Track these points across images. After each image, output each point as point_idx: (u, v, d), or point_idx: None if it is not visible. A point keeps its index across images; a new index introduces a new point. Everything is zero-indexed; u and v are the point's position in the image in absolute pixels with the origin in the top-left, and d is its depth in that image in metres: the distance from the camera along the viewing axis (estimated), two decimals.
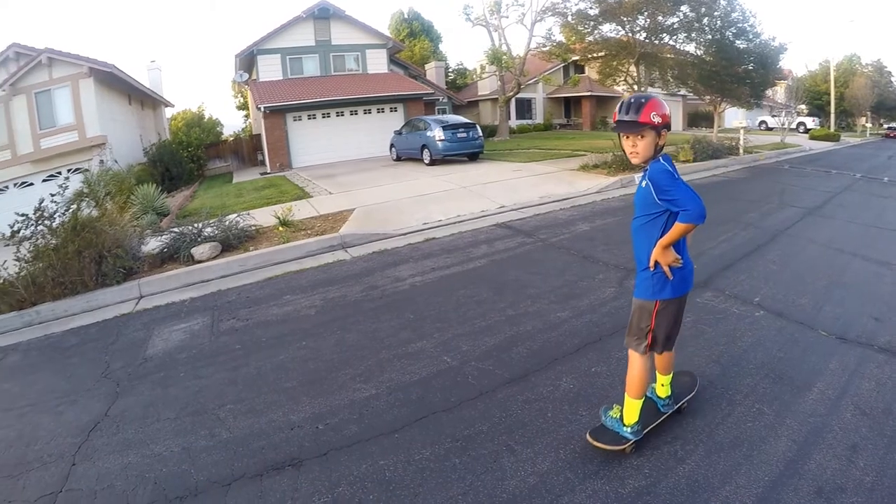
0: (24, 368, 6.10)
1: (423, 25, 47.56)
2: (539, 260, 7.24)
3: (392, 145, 21.72)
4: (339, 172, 19.07)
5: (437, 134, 17.79)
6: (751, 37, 19.62)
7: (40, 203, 8.07)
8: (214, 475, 3.45)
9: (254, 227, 9.45)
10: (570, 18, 21.44)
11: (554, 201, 10.98)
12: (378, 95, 25.51)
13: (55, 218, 8.01)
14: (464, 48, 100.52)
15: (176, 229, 8.92)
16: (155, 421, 4.29)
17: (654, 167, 2.85)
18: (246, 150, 31.30)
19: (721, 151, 17.71)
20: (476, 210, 10.45)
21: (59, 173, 21.06)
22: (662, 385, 3.34)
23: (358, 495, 3.03)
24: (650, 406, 3.29)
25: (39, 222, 7.92)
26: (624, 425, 3.09)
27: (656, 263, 2.91)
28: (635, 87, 20.17)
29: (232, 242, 8.75)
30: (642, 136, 2.84)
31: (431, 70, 37.47)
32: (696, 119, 41.13)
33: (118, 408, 4.62)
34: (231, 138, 34.96)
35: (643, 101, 2.82)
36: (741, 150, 18.62)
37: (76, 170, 20.81)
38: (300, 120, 25.14)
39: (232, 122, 44.77)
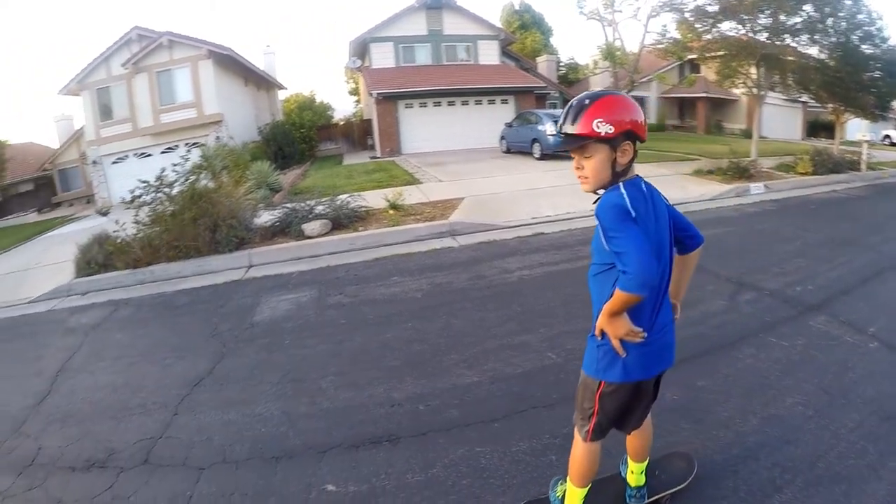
0: (136, 321, 7.01)
1: (533, 18, 47.63)
2: None
3: (502, 137, 22.45)
4: (448, 161, 20.15)
5: (549, 128, 18.09)
6: (878, 42, 18.03)
7: (161, 172, 9.11)
8: (311, 441, 3.72)
9: (364, 209, 9.95)
10: (686, 14, 20.64)
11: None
12: (489, 87, 26.33)
13: (174, 186, 9.00)
14: (575, 42, 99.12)
15: (288, 205, 9.61)
16: (258, 383, 4.68)
17: (605, 198, 2.15)
18: (357, 133, 32.83)
19: (842, 166, 16.39)
20: (585, 208, 10.39)
21: (177, 146, 23.63)
22: (633, 472, 2.80)
23: (452, 478, 3.16)
24: (616, 490, 2.83)
25: (159, 190, 8.93)
26: None
27: (603, 333, 2.27)
28: (754, 90, 19.15)
29: (342, 221, 9.27)
30: (587, 155, 2.18)
31: (542, 63, 37.46)
32: (816, 129, 38.11)
33: (223, 367, 5.10)
34: (342, 122, 36.83)
35: (586, 102, 2.13)
36: (863, 166, 17.16)
37: (193, 144, 22.67)
38: (411, 107, 26.04)
39: (342, 107, 47.01)
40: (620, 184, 2.18)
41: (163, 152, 23.97)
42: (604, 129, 2.08)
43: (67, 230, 19.13)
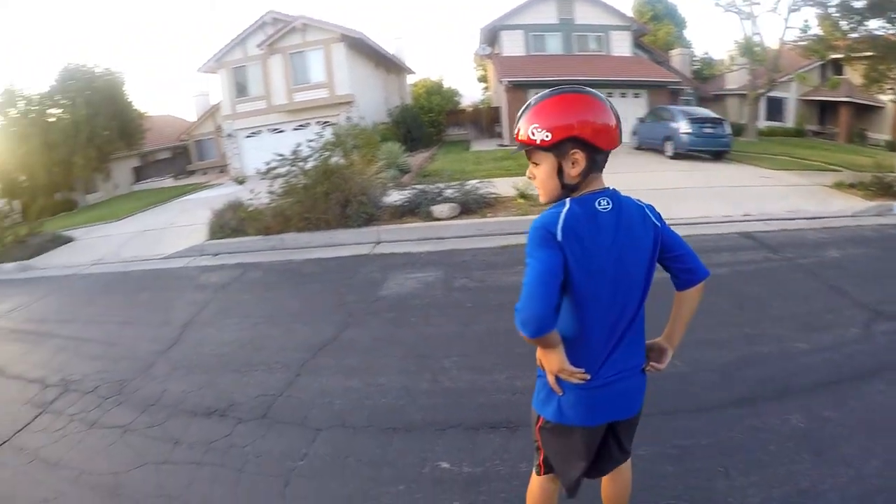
0: (264, 285, 7.62)
1: (666, 8, 45.69)
2: (783, 280, 6.73)
3: (634, 132, 22.04)
4: None
5: (683, 126, 17.81)
6: None
7: (296, 147, 9.78)
8: (430, 418, 3.83)
9: (493, 195, 10.02)
10: (830, 10, 18.97)
11: (803, 218, 10.01)
12: (622, 79, 25.87)
13: (308, 161, 9.60)
14: (711, 36, 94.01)
15: (418, 186, 9.84)
16: (382, 355, 4.86)
17: (539, 216, 1.95)
18: (485, 120, 33.20)
19: None
20: (719, 214, 10.00)
21: (309, 124, 25.43)
22: None
23: None
24: None
25: (294, 163, 9.58)
26: None
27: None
28: None
29: (471, 206, 9.39)
30: (535, 162, 1.99)
31: (676, 57, 35.83)
32: None
33: (348, 335, 5.35)
34: (470, 108, 37.25)
35: (530, 104, 1.95)
36: None
37: (325, 123, 24.52)
38: None
39: (470, 93, 47.50)
40: (568, 200, 1.92)
41: (295, 129, 25.70)
42: (539, 135, 1.87)
43: (202, 196, 21.03)
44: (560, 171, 1.92)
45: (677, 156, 17.97)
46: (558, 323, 1.93)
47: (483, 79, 46.70)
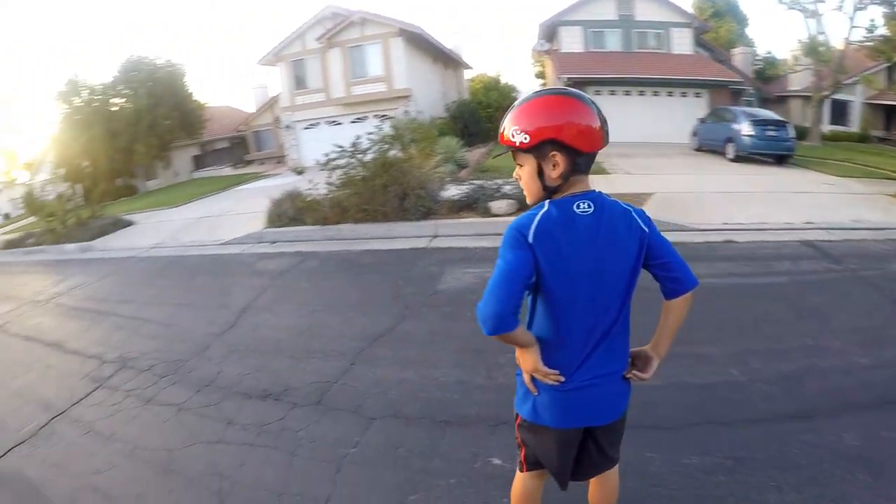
0: (321, 273, 7.76)
1: (728, 5, 44.37)
2: (845, 292, 6.48)
3: (694, 133, 21.85)
4: (635, 153, 19.79)
5: (745, 128, 17.44)
6: None
7: (356, 139, 9.93)
8: (484, 413, 3.81)
9: None
10: None
11: (867, 228, 9.59)
12: (683, 78, 25.24)
13: (367, 154, 9.74)
14: (773, 34, 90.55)
15: (476, 181, 9.80)
16: (437, 349, 4.86)
17: (518, 216, 1.97)
18: None
19: None
20: (780, 220, 9.69)
21: (366, 117, 25.75)
22: None
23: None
24: None
25: (354, 155, 9.75)
26: None
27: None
28: None
29: (528, 203, 9.31)
30: (519, 163, 2.00)
31: (738, 56, 34.61)
32: None
33: (404, 327, 5.38)
34: None
35: (514, 105, 1.96)
36: None
37: (382, 116, 24.91)
38: (600, 94, 25.59)
39: (527, 89, 47.27)
40: (546, 202, 1.93)
41: (352, 122, 26.15)
42: (518, 138, 1.87)
43: (259, 185, 21.54)
44: (541, 173, 1.92)
45: (738, 158, 17.62)
46: (535, 324, 2.02)
47: (541, 75, 46.41)
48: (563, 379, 1.97)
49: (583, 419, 2.09)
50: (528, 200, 2.01)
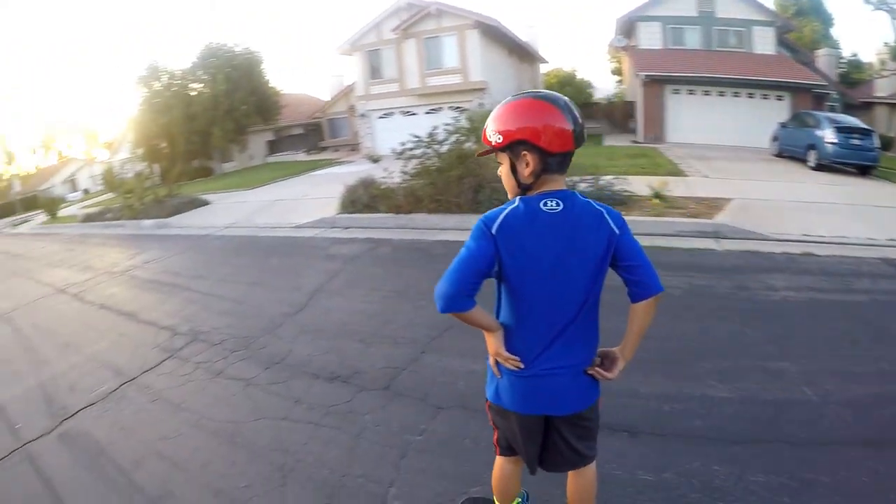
0: (392, 261, 7.91)
1: (811, 3, 41.97)
2: None
3: (775, 138, 21.05)
4: (713, 156, 19.23)
5: (829, 135, 16.76)
6: None
7: (432, 129, 9.99)
8: None
9: (627, 193, 9.76)
10: None
11: None
12: (764, 79, 24.01)
13: (444, 145, 9.79)
14: (859, 35, 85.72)
15: None
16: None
17: (488, 212, 2.13)
18: (619, 115, 32.35)
19: None
20: (862, 235, 9.17)
21: (441, 109, 26.01)
22: None
23: (682, 488, 3.15)
24: None
25: (430, 146, 9.82)
26: None
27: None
28: None
29: (603, 202, 9.15)
30: (499, 162, 2.16)
31: (822, 58, 32.59)
32: None
33: None
34: (604, 102, 36.40)
35: (496, 107, 2.11)
36: None
37: (457, 108, 24.87)
38: (678, 93, 24.93)
39: (603, 86, 46.42)
40: (518, 199, 2.09)
41: (427, 112, 26.51)
42: (493, 138, 2.05)
43: (333, 171, 22.12)
44: (515, 171, 2.07)
45: (820, 167, 16.88)
46: (500, 311, 2.20)
47: (617, 71, 45.54)
48: (522, 365, 2.14)
49: (539, 407, 2.22)
50: (509, 196, 2.17)
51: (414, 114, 27.03)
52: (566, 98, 2.05)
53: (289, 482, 3.51)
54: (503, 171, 2.13)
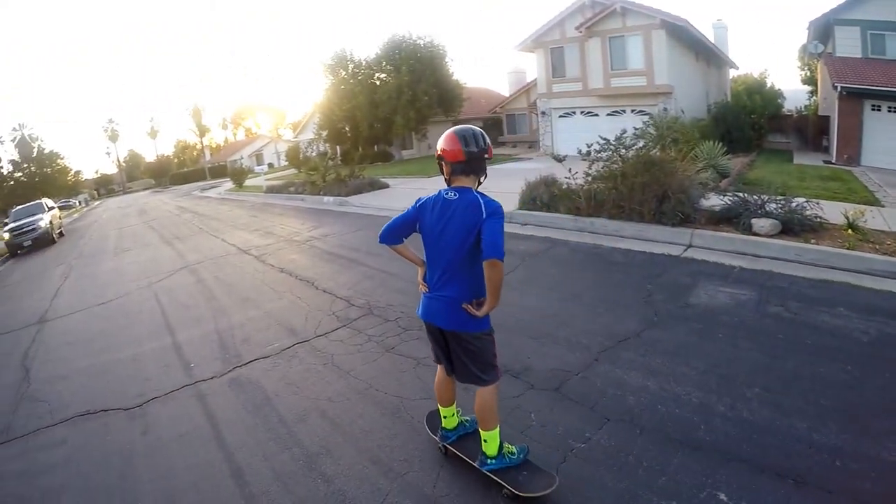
0: (570, 263, 7.85)
1: None
2: None
3: None
4: None
5: None
6: None
7: (621, 133, 9.63)
8: (719, 444, 3.56)
9: (818, 219, 8.93)
10: None
11: None
12: None
13: (630, 150, 9.44)
14: None
15: (740, 194, 9.13)
16: (682, 364, 4.60)
17: None
18: (811, 130, 29.44)
19: None
20: None
21: (623, 111, 25.15)
22: (445, 417, 3.76)
23: None
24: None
25: (617, 150, 9.47)
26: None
27: None
28: None
29: (793, 227, 8.47)
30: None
31: None
32: None
33: (651, 335, 5.17)
34: (794, 114, 33.28)
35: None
36: None
37: (640, 111, 24.15)
38: (878, 111, 21.73)
39: (793, 96, 42.46)
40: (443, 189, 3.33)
41: (608, 114, 25.72)
42: (437, 152, 3.36)
43: (510, 167, 22.28)
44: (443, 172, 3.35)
45: None
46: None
47: (809, 80, 41.62)
48: (427, 290, 3.38)
49: (428, 316, 3.41)
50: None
51: (595, 115, 26.38)
52: (472, 130, 3.25)
53: (447, 464, 3.63)
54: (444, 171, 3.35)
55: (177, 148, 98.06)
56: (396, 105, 33.27)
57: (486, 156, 3.26)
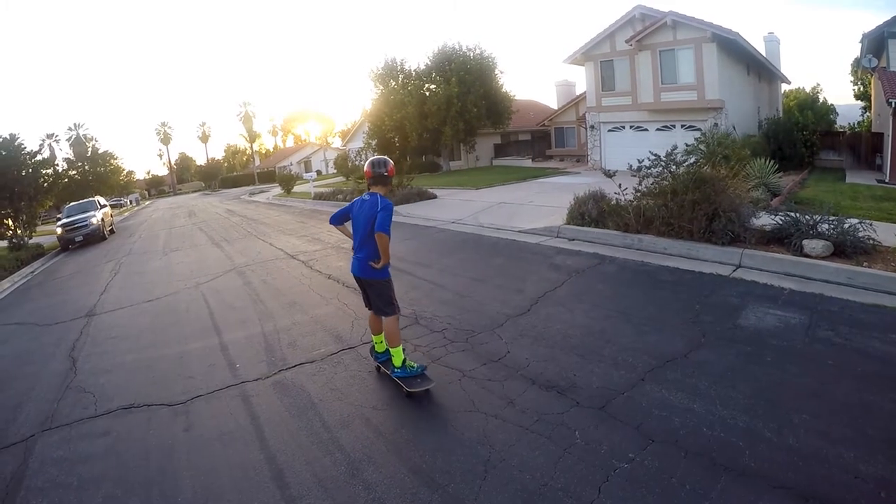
0: (618, 280, 7.77)
1: None
2: None
3: None
4: None
5: None
6: None
7: (672, 149, 9.54)
8: (764, 470, 3.51)
9: (871, 241, 8.62)
10: None
11: None
12: None
13: (681, 166, 9.33)
14: None
15: (791, 214, 8.92)
16: (729, 387, 4.53)
17: None
18: (864, 148, 28.32)
19: None
20: None
21: (673, 126, 24.68)
22: (375, 343, 5.61)
23: None
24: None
25: (668, 166, 9.37)
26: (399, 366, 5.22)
27: None
28: None
29: (846, 249, 8.21)
30: None
31: None
32: None
33: (699, 356, 5.11)
34: (847, 131, 32.07)
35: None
36: None
37: (689, 127, 23.82)
38: None
39: (846, 112, 41.08)
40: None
41: (658, 129, 25.38)
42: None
43: (558, 181, 22.19)
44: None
45: None
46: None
47: (862, 95, 40.22)
48: (353, 252, 5.25)
49: (354, 270, 5.23)
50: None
51: (645, 129, 26.00)
52: (381, 159, 5.20)
53: (489, 477, 3.64)
54: None
55: (227, 152, 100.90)
56: (446, 116, 33.33)
57: (387, 174, 5.11)
